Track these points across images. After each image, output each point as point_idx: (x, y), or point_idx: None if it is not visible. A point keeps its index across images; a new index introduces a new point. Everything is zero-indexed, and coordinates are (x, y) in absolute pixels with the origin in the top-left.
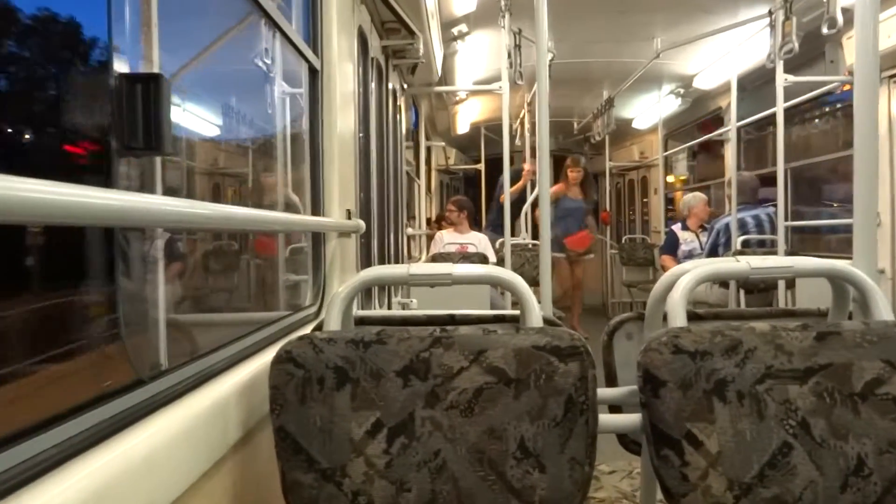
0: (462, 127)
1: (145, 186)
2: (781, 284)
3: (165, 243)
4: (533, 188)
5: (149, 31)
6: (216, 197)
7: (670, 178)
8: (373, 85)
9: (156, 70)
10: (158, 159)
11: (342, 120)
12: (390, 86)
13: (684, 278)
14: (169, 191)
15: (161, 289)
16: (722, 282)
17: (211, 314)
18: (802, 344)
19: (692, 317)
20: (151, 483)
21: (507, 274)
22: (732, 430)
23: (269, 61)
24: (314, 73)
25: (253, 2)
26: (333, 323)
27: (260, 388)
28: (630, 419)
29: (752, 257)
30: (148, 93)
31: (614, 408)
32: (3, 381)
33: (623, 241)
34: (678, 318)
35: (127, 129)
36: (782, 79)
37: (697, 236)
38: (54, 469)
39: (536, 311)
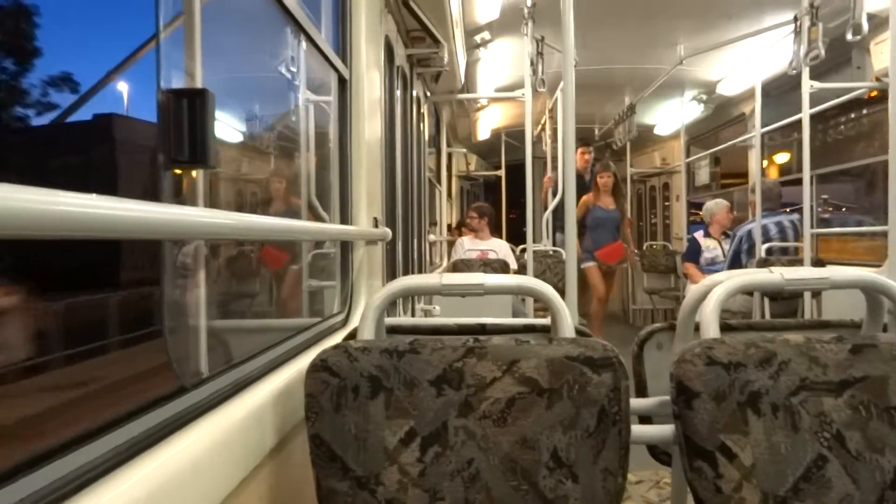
0: (483, 133)
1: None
2: (807, 293)
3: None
4: (554, 196)
5: (192, 47)
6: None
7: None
8: (398, 93)
9: (199, 85)
10: (201, 172)
11: (369, 128)
12: (414, 93)
13: (717, 289)
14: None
15: (202, 297)
16: None
17: (242, 320)
18: (837, 356)
19: (724, 327)
20: (197, 489)
21: (538, 284)
22: (767, 442)
23: (294, 70)
24: (343, 83)
25: (287, 14)
26: (367, 332)
27: (293, 396)
28: (661, 430)
29: (785, 269)
30: (194, 107)
31: (644, 418)
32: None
33: (644, 247)
34: (711, 329)
35: (173, 143)
36: (808, 85)
37: (720, 243)
38: (108, 474)
39: (568, 322)
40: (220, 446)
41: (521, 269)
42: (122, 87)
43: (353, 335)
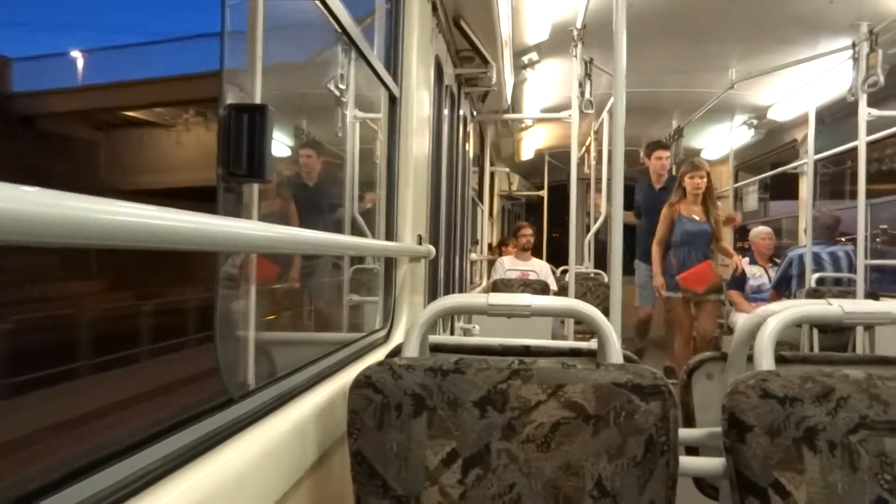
0: (526, 153)
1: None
2: (859, 326)
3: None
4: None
5: (254, 65)
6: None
7: None
8: (445, 112)
9: (258, 101)
10: (256, 186)
11: (417, 147)
12: (461, 112)
13: (773, 319)
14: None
15: (252, 310)
16: None
17: (286, 333)
18: None
19: (777, 359)
20: (241, 501)
21: (586, 308)
22: (823, 481)
23: (343, 87)
24: (393, 101)
25: (344, 34)
26: (412, 349)
27: (335, 411)
28: (710, 463)
29: (844, 301)
30: (253, 122)
31: (691, 449)
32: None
33: None
34: (765, 361)
35: (232, 157)
36: (865, 112)
37: (766, 271)
38: (156, 482)
39: (616, 347)
40: (264, 458)
41: (562, 291)
42: None
43: (395, 352)
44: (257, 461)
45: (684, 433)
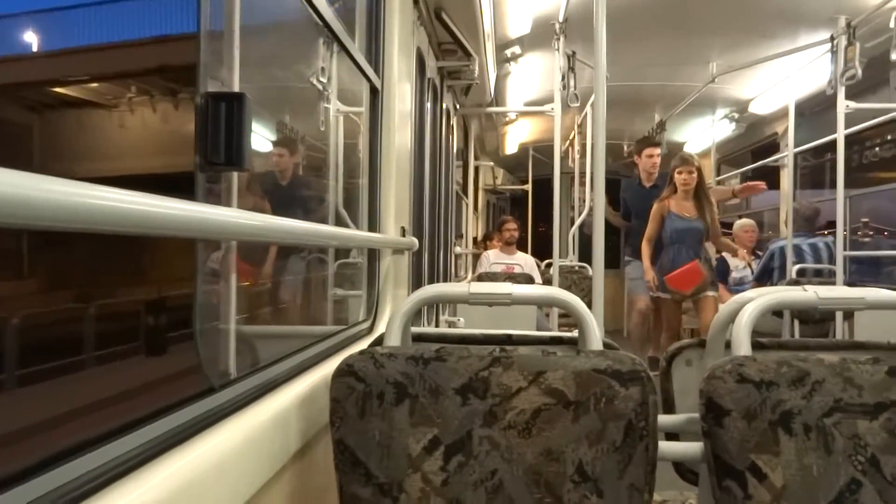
0: (511, 147)
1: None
2: (839, 315)
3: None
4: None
5: (231, 52)
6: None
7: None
8: (428, 105)
9: (236, 89)
10: (235, 175)
11: (399, 139)
12: (444, 106)
13: (749, 306)
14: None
15: (233, 299)
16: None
17: (270, 326)
18: (873, 378)
19: (755, 346)
20: (222, 489)
21: (566, 295)
22: (798, 463)
23: (325, 80)
24: (374, 93)
25: (324, 25)
26: (394, 338)
27: (318, 401)
28: (689, 447)
29: (819, 287)
30: (231, 111)
31: (671, 435)
32: None
33: None
34: (743, 347)
35: (210, 146)
36: (843, 105)
37: (749, 264)
38: (136, 469)
39: (596, 334)
40: (246, 446)
41: (546, 284)
42: None
43: (378, 342)
44: (239, 450)
45: (664, 419)
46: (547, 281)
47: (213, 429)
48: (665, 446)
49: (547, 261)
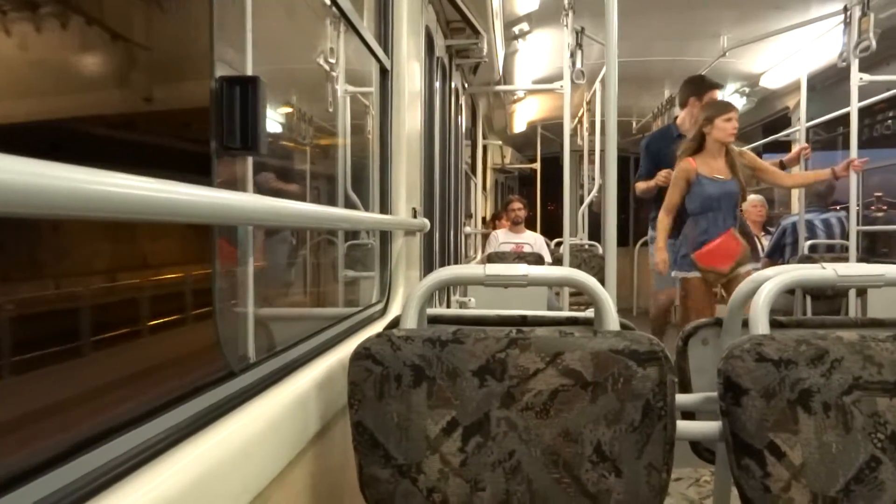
0: (519, 126)
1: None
2: (852, 292)
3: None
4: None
5: (243, 35)
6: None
7: None
8: (437, 84)
9: (249, 73)
10: (250, 159)
11: (409, 119)
12: (453, 85)
13: (767, 285)
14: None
15: (251, 283)
16: None
17: (286, 309)
18: (893, 356)
19: (772, 324)
20: (246, 471)
21: (582, 276)
22: (817, 441)
23: (332, 61)
24: (384, 73)
25: (333, 4)
26: (410, 321)
27: (335, 383)
28: (706, 426)
29: (838, 265)
30: (246, 95)
31: (687, 414)
32: None
33: None
34: (761, 326)
35: (225, 130)
36: (857, 78)
37: (759, 240)
38: (164, 453)
39: (613, 315)
40: (268, 429)
41: (556, 263)
42: None
43: (393, 324)
44: (261, 432)
45: (681, 398)
46: (557, 259)
47: (234, 413)
48: (682, 425)
49: (557, 240)
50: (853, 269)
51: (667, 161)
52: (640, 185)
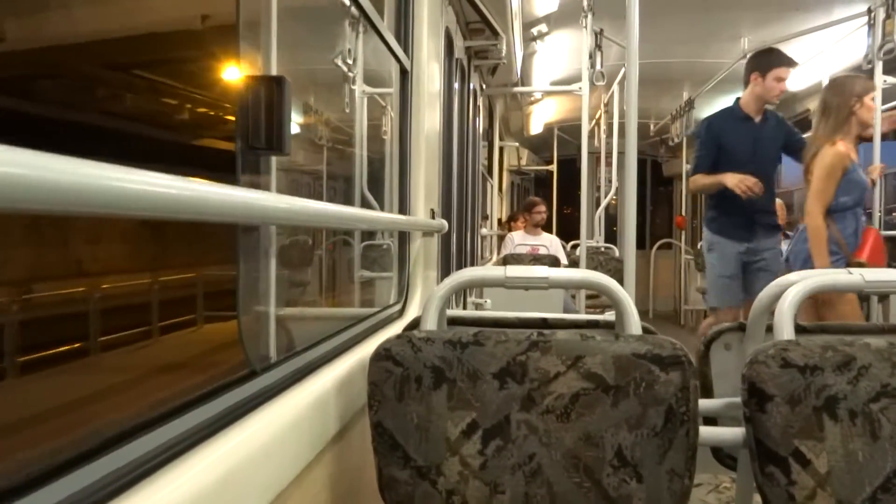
0: (536, 127)
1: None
2: (874, 297)
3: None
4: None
5: (268, 35)
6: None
7: None
8: (456, 85)
9: (274, 73)
10: (274, 158)
11: (429, 120)
12: (471, 86)
13: (793, 289)
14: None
15: (272, 283)
16: None
17: (304, 308)
18: None
19: (797, 329)
20: (267, 471)
21: (603, 279)
22: (843, 449)
23: (350, 61)
24: (404, 74)
25: (354, 5)
26: (430, 322)
27: (355, 384)
28: (729, 433)
29: (865, 270)
30: (271, 94)
31: (709, 419)
32: None
33: (699, 246)
34: (786, 331)
35: (251, 129)
36: (881, 80)
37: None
38: (187, 452)
39: (635, 318)
40: (289, 429)
41: (572, 265)
42: None
43: (412, 325)
44: (282, 432)
45: (703, 403)
46: (573, 262)
47: (256, 412)
48: (705, 431)
49: (573, 242)
50: (881, 275)
51: (731, 146)
52: (703, 181)
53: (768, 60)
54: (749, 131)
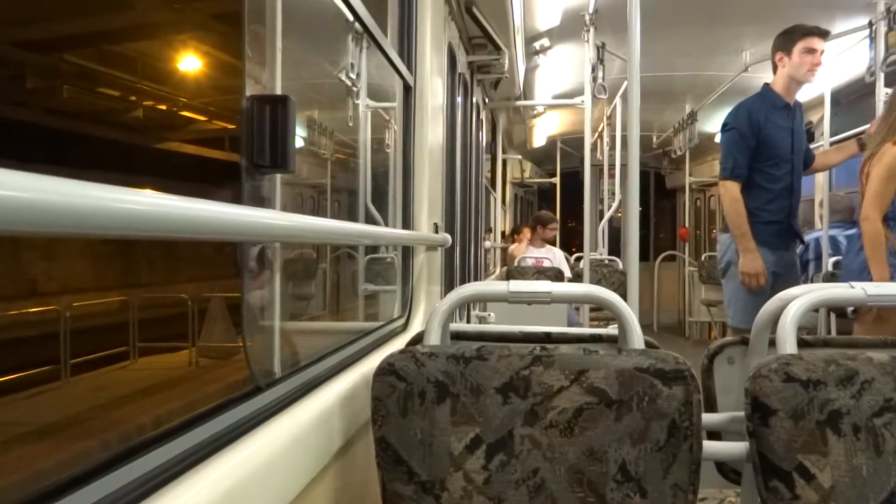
0: (538, 140)
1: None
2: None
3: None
4: None
5: (273, 56)
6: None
7: None
8: (459, 100)
9: (279, 92)
10: (278, 176)
11: (432, 135)
12: (474, 100)
13: (795, 303)
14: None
15: (277, 298)
16: None
17: (308, 322)
18: None
19: (799, 343)
20: (270, 487)
21: (606, 293)
22: (847, 464)
23: (353, 76)
24: (408, 90)
25: (358, 22)
26: (433, 337)
27: (358, 399)
28: (733, 447)
29: (867, 283)
30: (276, 113)
31: (712, 434)
32: None
33: (703, 258)
34: (788, 345)
35: (256, 148)
36: (883, 93)
37: None
38: (192, 469)
39: (637, 332)
40: (292, 445)
41: (576, 278)
42: None
43: (415, 340)
44: (285, 448)
45: (706, 418)
46: (576, 274)
47: (260, 428)
48: (708, 446)
49: (577, 254)
50: (883, 289)
51: (773, 140)
52: (737, 217)
53: (791, 35)
54: (786, 122)
